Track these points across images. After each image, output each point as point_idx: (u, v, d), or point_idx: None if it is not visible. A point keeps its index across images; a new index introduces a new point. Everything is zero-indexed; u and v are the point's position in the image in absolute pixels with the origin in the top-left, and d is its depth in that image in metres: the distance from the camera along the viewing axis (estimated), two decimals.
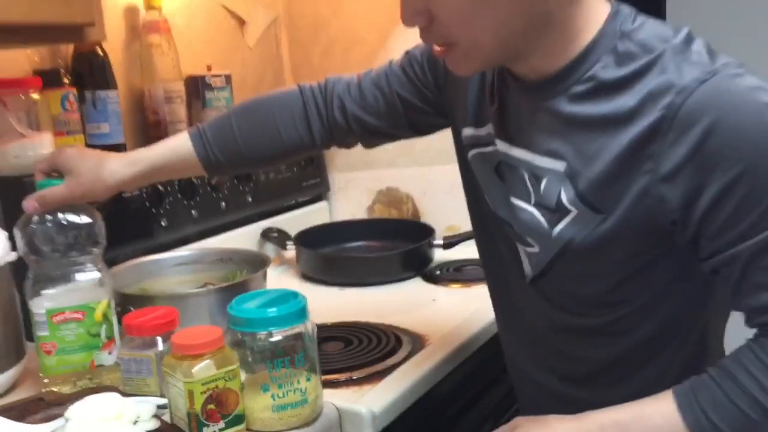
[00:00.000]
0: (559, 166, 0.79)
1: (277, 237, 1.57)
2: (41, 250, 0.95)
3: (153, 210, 1.34)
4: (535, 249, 0.85)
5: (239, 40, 1.68)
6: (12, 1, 0.86)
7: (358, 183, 1.78)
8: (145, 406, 0.85)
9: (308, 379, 0.86)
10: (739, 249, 0.72)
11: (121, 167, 0.99)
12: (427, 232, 1.52)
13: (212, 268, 1.29)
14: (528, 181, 0.83)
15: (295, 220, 1.66)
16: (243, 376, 0.85)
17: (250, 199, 1.55)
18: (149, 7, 1.39)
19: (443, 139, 1.67)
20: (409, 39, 1.68)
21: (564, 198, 0.79)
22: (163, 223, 1.36)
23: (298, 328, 0.86)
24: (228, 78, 1.54)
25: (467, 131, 0.93)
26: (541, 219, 0.82)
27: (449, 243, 1.49)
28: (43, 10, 0.89)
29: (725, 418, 0.73)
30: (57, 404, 0.92)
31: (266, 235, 1.57)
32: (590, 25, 0.77)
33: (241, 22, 1.67)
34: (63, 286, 0.97)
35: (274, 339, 0.84)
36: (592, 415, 0.77)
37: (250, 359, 0.85)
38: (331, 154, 1.80)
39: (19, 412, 0.90)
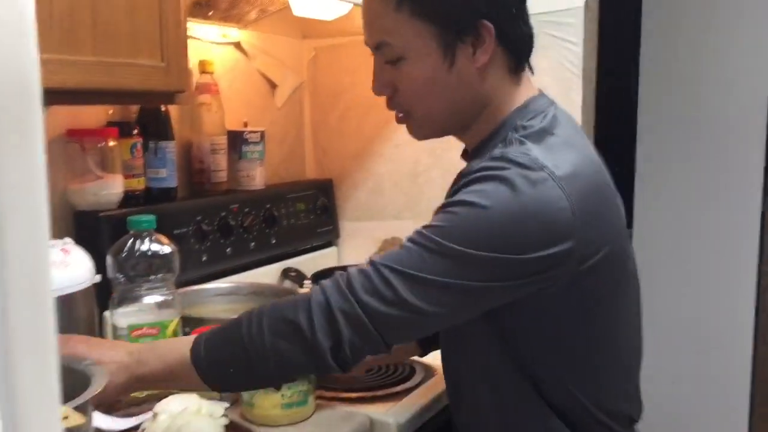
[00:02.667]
0: None
1: (296, 276, 1.77)
2: (128, 273, 1.14)
3: (197, 246, 1.53)
4: None
5: (269, 101, 1.90)
6: (129, 73, 1.07)
7: (366, 232, 1.99)
8: (217, 405, 1.03)
9: (309, 382, 1.08)
10: None
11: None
12: None
13: (247, 299, 1.48)
14: None
15: (308, 262, 1.86)
16: None
17: (274, 241, 1.75)
18: (203, 71, 1.60)
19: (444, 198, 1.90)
20: None
21: None
22: (204, 258, 1.55)
23: None
24: (263, 134, 1.76)
25: None
26: None
27: None
28: (152, 81, 1.11)
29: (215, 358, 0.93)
30: (133, 405, 1.10)
31: (286, 273, 1.77)
32: (502, 113, 0.97)
33: (273, 86, 1.90)
34: (140, 305, 1.16)
35: None
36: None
37: None
38: (343, 205, 2.01)
39: (105, 408, 1.08)
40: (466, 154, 1.07)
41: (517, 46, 0.97)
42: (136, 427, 1.00)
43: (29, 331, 0.38)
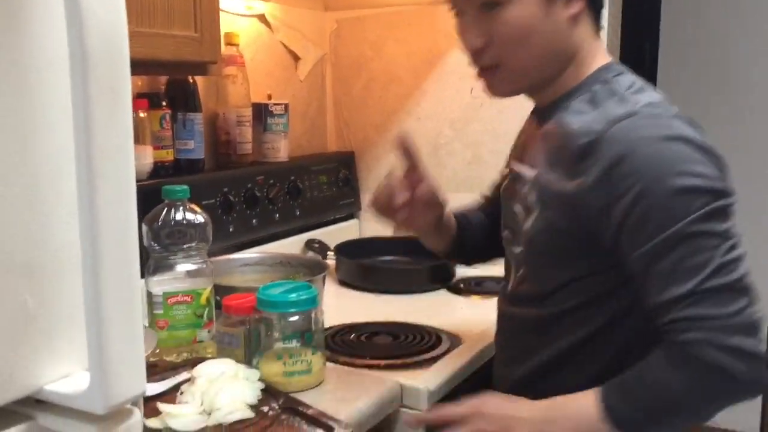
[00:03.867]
0: (532, 173, 1.01)
1: (319, 247, 1.79)
2: (163, 242, 1.16)
3: (224, 217, 1.56)
4: (520, 248, 1.05)
5: (292, 74, 1.91)
6: (164, 44, 1.08)
7: None
8: (252, 370, 1.06)
9: (313, 353, 1.08)
10: (638, 253, 0.88)
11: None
12: None
13: (273, 269, 1.51)
14: (518, 187, 1.05)
15: (330, 234, 1.88)
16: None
17: (298, 213, 1.77)
18: (228, 43, 1.61)
19: (466, 170, 1.92)
20: (443, 84, 1.94)
21: (530, 200, 1.00)
22: (230, 229, 1.57)
23: (309, 313, 1.08)
24: (286, 106, 1.77)
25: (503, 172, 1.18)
26: (521, 216, 1.04)
27: None
28: (184, 51, 1.12)
29: (635, 402, 0.89)
30: (168, 369, 1.12)
31: (309, 245, 1.79)
32: (587, 70, 0.99)
33: (296, 58, 1.91)
34: (174, 273, 1.18)
35: (291, 319, 1.07)
36: (554, 405, 0.93)
37: (276, 333, 1.07)
38: (365, 177, 2.02)
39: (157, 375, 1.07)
40: (536, 113, 1.08)
41: (597, 3, 1.00)
42: (176, 387, 1.03)
43: (124, 298, 0.40)
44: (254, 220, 1.64)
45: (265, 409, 0.98)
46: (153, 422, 0.92)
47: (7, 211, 0.40)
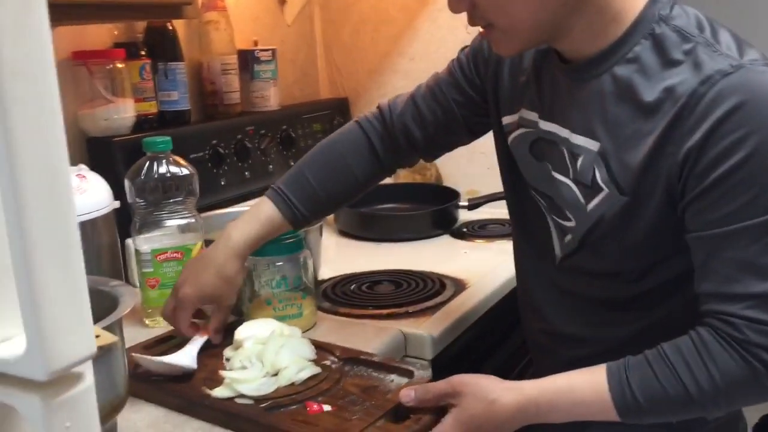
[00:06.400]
0: (594, 146, 0.85)
1: None
2: (148, 197, 1.11)
3: (214, 170, 1.49)
4: (572, 223, 0.91)
5: (279, 18, 1.83)
6: None
7: None
8: (293, 327, 0.99)
9: (303, 297, 1.07)
10: (709, 233, 0.78)
11: (235, 266, 1.00)
12: (453, 194, 1.69)
13: None
14: (567, 158, 0.89)
15: None
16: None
17: (292, 163, 1.70)
18: None
19: None
20: (435, 20, 1.86)
21: (598, 177, 0.85)
22: (222, 182, 1.51)
23: (296, 257, 1.07)
24: (274, 52, 1.69)
25: (507, 119, 1.00)
26: (579, 194, 0.88)
27: (474, 204, 1.66)
28: None
29: (650, 397, 0.78)
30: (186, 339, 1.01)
31: None
32: (630, 7, 0.83)
33: (282, 1, 1.82)
34: (162, 230, 1.13)
35: (278, 264, 1.05)
36: (527, 391, 0.82)
37: (263, 279, 1.06)
38: None
39: (176, 346, 0.99)
40: (569, 71, 0.90)
41: None
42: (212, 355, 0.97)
43: (57, 253, 0.35)
44: (246, 173, 1.58)
45: (327, 362, 0.94)
46: (221, 391, 0.87)
47: None
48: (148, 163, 1.11)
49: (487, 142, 1.12)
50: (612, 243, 0.88)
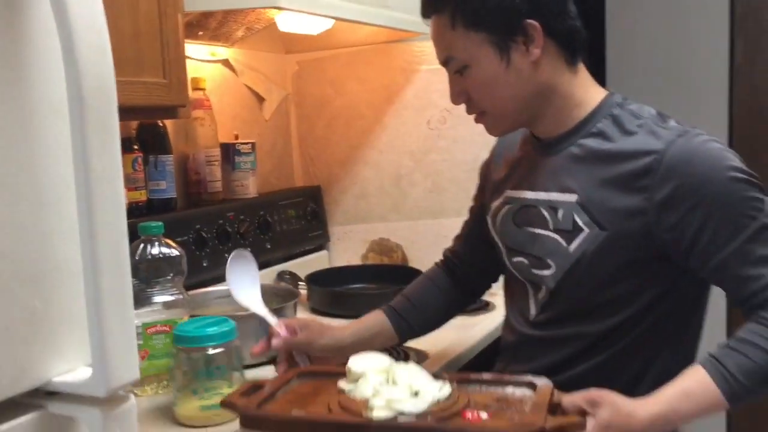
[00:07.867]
0: (572, 198, 1.07)
1: (290, 278, 1.86)
2: (141, 276, 1.23)
3: (197, 252, 1.62)
4: (551, 270, 1.10)
5: (258, 114, 2.00)
6: (136, 90, 1.17)
7: (354, 235, 2.09)
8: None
9: (229, 387, 1.10)
10: (724, 254, 0.98)
11: (337, 334, 1.23)
12: (417, 274, 1.82)
13: None
14: (546, 213, 1.11)
15: (301, 266, 1.95)
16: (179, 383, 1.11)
17: (268, 246, 1.85)
18: (195, 87, 1.69)
19: (427, 198, 2.02)
20: (400, 116, 2.05)
21: (579, 221, 1.06)
22: (204, 264, 1.64)
23: (226, 345, 1.12)
24: (253, 145, 1.85)
25: (495, 203, 1.22)
26: (560, 239, 1.09)
27: None
28: (155, 97, 1.21)
29: (749, 375, 0.93)
30: None
31: (281, 276, 1.86)
32: (590, 99, 1.10)
33: (260, 100, 2.00)
34: (153, 306, 1.25)
35: (209, 353, 1.10)
36: (652, 407, 0.93)
37: (187, 369, 1.11)
38: (332, 210, 2.11)
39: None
40: (539, 146, 1.15)
41: (566, 39, 1.08)
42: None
43: (118, 301, 0.48)
44: (226, 255, 1.69)
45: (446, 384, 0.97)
46: (382, 412, 0.89)
47: (17, 231, 0.48)
48: (142, 245, 1.23)
49: (451, 224, 1.28)
50: (589, 280, 1.07)
